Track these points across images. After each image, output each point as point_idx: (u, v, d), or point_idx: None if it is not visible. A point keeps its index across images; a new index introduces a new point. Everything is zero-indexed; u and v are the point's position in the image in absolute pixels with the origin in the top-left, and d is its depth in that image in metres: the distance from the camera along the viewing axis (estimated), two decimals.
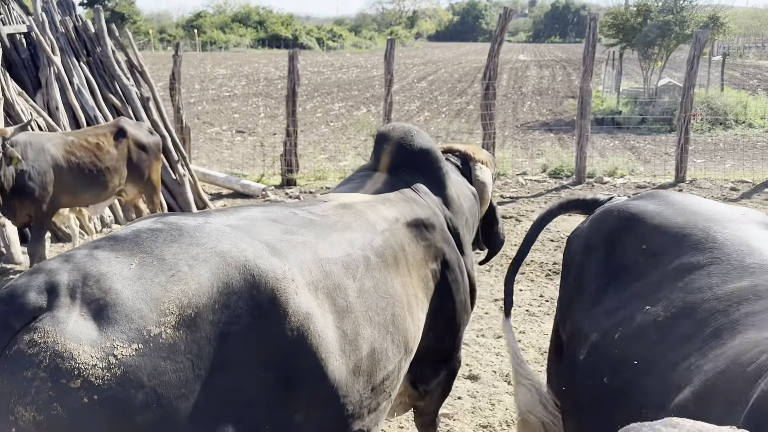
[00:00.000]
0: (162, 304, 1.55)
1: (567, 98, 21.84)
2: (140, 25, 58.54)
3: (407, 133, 2.71)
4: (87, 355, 1.44)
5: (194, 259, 1.65)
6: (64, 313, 1.47)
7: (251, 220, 1.97)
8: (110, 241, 1.67)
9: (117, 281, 1.54)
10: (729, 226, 1.90)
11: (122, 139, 6.08)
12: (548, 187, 9.58)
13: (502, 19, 9.61)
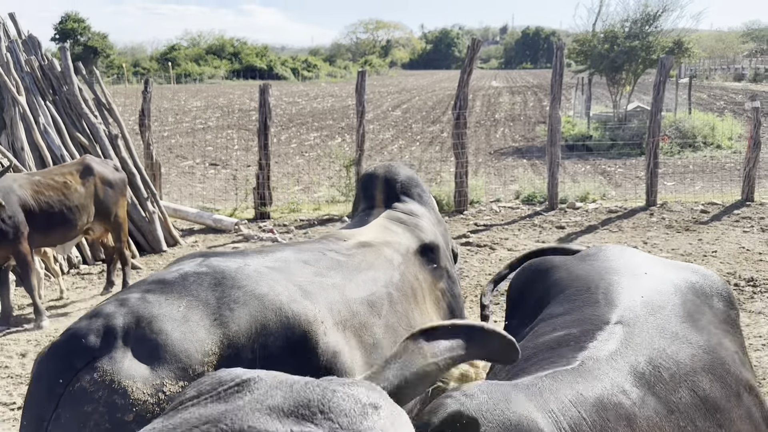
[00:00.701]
0: (206, 345, 1.74)
1: (539, 123, 22.13)
2: (114, 58, 58.35)
3: (390, 168, 3.02)
4: (140, 391, 1.62)
5: (235, 303, 1.85)
6: (120, 354, 1.66)
7: (285, 261, 2.17)
8: (160, 284, 1.85)
9: (167, 323, 1.73)
10: (619, 282, 1.96)
11: (89, 177, 6.02)
12: (522, 214, 9.62)
13: (470, 51, 9.73)
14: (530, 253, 2.57)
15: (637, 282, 1.92)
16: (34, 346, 5.19)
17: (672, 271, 2.03)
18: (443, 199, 10.07)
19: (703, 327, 1.82)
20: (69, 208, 5.75)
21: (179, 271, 1.92)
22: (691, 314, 1.84)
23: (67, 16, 58.75)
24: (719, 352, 1.77)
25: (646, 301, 1.83)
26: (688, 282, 1.97)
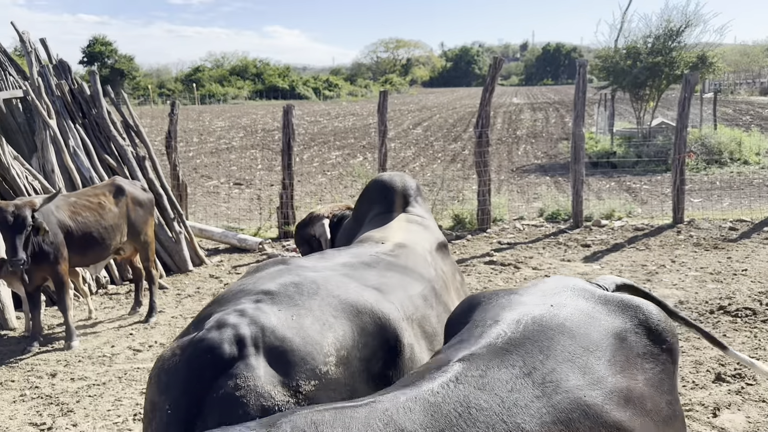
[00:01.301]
0: (323, 347, 1.93)
1: (561, 140, 22.03)
2: (140, 80, 59.54)
3: (403, 178, 3.33)
4: (281, 394, 1.79)
5: (335, 309, 2.07)
6: (254, 360, 1.81)
7: (352, 267, 2.43)
8: (267, 295, 2.04)
9: (287, 330, 1.91)
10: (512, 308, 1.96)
11: (121, 197, 6.15)
12: (546, 232, 9.55)
13: (492, 69, 9.75)
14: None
15: (524, 315, 1.86)
16: (64, 366, 5.26)
17: (588, 304, 1.99)
18: (466, 217, 10.04)
19: (589, 365, 1.74)
20: (104, 228, 5.87)
21: (278, 281, 2.13)
22: (578, 350, 1.77)
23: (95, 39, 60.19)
24: (593, 393, 1.69)
25: (515, 337, 1.76)
26: (594, 317, 1.93)
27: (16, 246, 5.02)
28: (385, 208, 3.18)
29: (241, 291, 2.10)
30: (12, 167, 6.92)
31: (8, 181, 6.88)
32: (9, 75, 8.73)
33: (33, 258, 5.26)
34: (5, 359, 5.43)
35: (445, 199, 11.61)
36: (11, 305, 6.27)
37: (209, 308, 2.08)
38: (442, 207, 10.83)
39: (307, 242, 3.76)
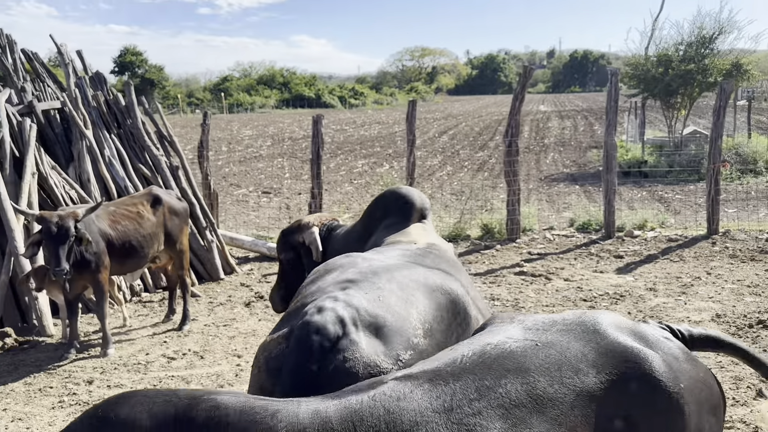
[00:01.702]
0: (410, 322, 2.19)
1: (590, 148, 21.81)
2: (169, 89, 60.51)
3: (420, 194, 3.53)
4: (385, 363, 2.04)
5: (412, 289, 2.35)
6: (356, 336, 2.05)
7: (409, 257, 2.72)
8: (351, 282, 2.32)
9: (378, 309, 2.16)
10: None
11: (158, 206, 6.25)
12: (577, 242, 9.44)
13: (522, 78, 9.70)
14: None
15: (493, 346, 1.80)
16: (100, 373, 5.33)
17: (581, 348, 1.80)
18: (495, 227, 9.98)
19: (525, 420, 1.63)
20: (143, 237, 5.97)
21: (355, 271, 2.42)
22: (524, 399, 1.66)
23: (126, 49, 61.37)
24: None
25: (465, 367, 1.70)
26: (571, 364, 1.75)
27: (60, 256, 5.11)
28: (401, 219, 3.32)
29: (322, 286, 2.35)
30: (50, 176, 7.07)
31: (46, 190, 7.03)
32: (47, 86, 8.95)
33: (75, 267, 5.35)
34: (43, 366, 5.53)
35: (473, 209, 11.56)
36: (49, 312, 6.39)
37: (297, 304, 2.32)
38: (470, 216, 10.78)
39: (293, 249, 3.81)
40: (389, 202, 3.44)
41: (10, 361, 5.65)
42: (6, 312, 6.30)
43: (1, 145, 6.83)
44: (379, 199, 3.53)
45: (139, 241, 5.95)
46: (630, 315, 6.30)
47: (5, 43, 9.18)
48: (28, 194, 6.62)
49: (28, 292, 6.21)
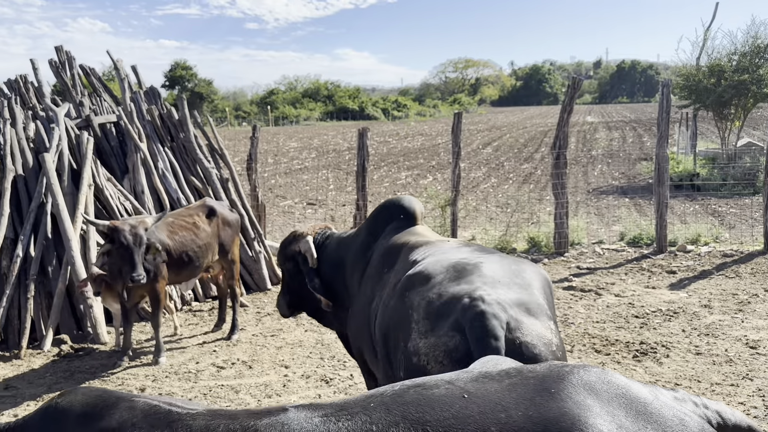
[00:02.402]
0: (537, 297, 2.52)
1: (640, 160, 21.34)
2: (217, 103, 61.90)
3: (418, 201, 3.73)
4: (549, 334, 2.35)
5: (515, 277, 2.61)
6: (519, 316, 2.34)
7: (481, 250, 3.01)
8: (468, 274, 2.59)
9: (520, 296, 2.45)
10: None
11: (213, 217, 6.40)
12: (628, 257, 9.22)
13: (570, 89, 9.57)
14: None
15: (410, 389, 1.67)
16: (152, 381, 5.45)
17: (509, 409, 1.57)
18: (542, 240, 9.84)
19: None
20: (198, 247, 6.11)
21: (443, 264, 2.73)
22: None
23: (176, 63, 63.09)
24: None
25: (366, 405, 1.61)
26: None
27: (136, 263, 5.28)
28: (404, 223, 3.55)
29: (442, 287, 2.56)
30: (105, 188, 7.30)
31: (102, 201, 7.26)
32: (104, 101, 9.26)
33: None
34: (97, 373, 5.68)
35: (519, 221, 11.43)
36: (103, 320, 6.57)
37: (429, 299, 2.54)
38: (516, 229, 10.66)
39: (291, 259, 3.98)
40: (393, 208, 3.64)
41: (65, 367, 5.82)
42: (62, 320, 6.51)
43: (60, 157, 7.10)
44: (382, 207, 3.73)
45: (195, 251, 6.09)
46: (684, 333, 6.12)
47: (65, 59, 9.56)
48: (84, 205, 6.85)
49: (83, 300, 6.41)
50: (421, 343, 2.38)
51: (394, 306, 2.75)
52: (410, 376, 2.19)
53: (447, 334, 2.32)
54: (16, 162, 7.01)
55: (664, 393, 1.67)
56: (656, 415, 1.55)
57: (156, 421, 1.63)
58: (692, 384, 4.95)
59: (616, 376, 1.65)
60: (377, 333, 2.91)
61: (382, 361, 2.78)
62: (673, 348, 5.71)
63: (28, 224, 6.58)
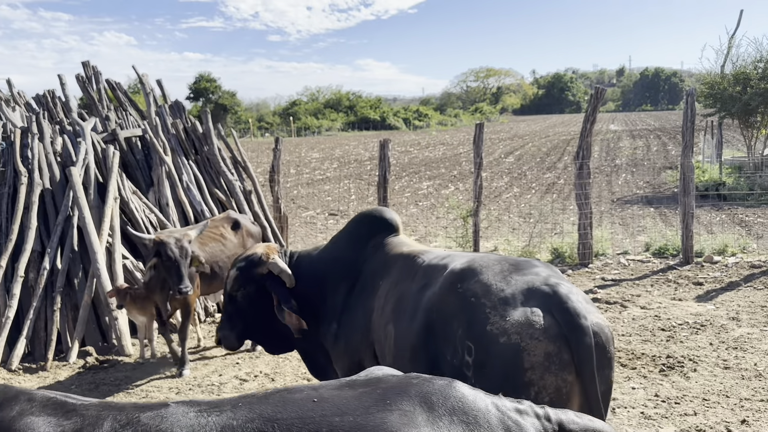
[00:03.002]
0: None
1: (665, 169, 21.07)
2: (241, 114, 62.56)
3: (393, 212, 3.82)
4: (602, 319, 2.61)
5: (554, 278, 2.75)
6: (587, 306, 2.63)
7: (479, 254, 3.13)
8: (534, 268, 2.80)
9: (570, 285, 2.70)
10: None
11: (238, 229, 6.48)
12: (653, 268, 9.08)
13: (593, 99, 9.50)
14: None
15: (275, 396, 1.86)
16: (176, 394, 5.48)
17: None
18: (565, 251, 9.74)
19: None
20: (228, 258, 6.19)
21: (514, 264, 2.86)
22: None
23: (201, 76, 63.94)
24: None
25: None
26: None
27: (183, 275, 5.38)
28: (388, 234, 3.57)
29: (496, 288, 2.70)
30: (131, 201, 7.40)
31: (127, 214, 7.36)
32: (129, 114, 9.41)
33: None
34: (122, 385, 5.74)
35: (543, 232, 11.34)
36: (128, 333, 6.64)
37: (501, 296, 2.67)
38: (539, 240, 10.57)
39: (254, 282, 3.67)
40: (376, 221, 3.64)
41: (91, 379, 5.89)
42: (88, 332, 6.60)
43: (87, 171, 7.22)
44: (364, 220, 3.70)
45: (225, 262, 6.16)
46: (711, 346, 6.00)
47: (91, 74, 9.75)
48: (110, 218, 6.95)
49: (109, 311, 6.49)
50: (508, 324, 2.52)
51: (440, 299, 2.81)
52: (500, 355, 2.49)
53: (536, 314, 2.52)
54: (44, 176, 7.14)
55: (506, 405, 1.85)
56: (484, 427, 1.75)
57: (53, 411, 1.76)
58: (720, 399, 4.85)
59: (458, 388, 1.84)
60: (408, 334, 2.92)
61: (422, 357, 2.83)
62: (700, 362, 5.60)
63: (55, 237, 6.70)
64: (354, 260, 3.55)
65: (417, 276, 3.10)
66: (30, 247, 6.58)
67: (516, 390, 2.33)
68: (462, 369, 2.58)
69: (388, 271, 3.33)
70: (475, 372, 2.55)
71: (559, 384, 2.45)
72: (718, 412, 4.63)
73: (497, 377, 2.47)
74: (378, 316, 3.23)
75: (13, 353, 6.12)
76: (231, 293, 3.74)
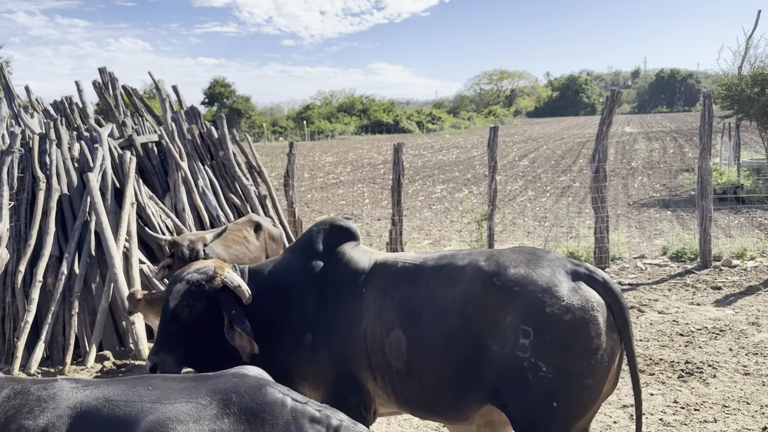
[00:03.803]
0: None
1: (681, 172, 20.87)
2: (255, 119, 62.83)
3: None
4: (600, 298, 2.89)
5: (567, 259, 3.10)
6: (605, 276, 3.01)
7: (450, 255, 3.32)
8: (549, 260, 3.04)
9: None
10: None
11: (260, 231, 6.53)
12: (671, 272, 8.99)
13: (609, 102, 9.44)
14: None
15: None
16: None
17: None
18: (581, 255, 9.67)
19: None
20: (250, 260, 6.22)
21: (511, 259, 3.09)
22: None
23: (215, 81, 64.34)
24: None
25: None
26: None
27: None
28: (355, 243, 3.52)
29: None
30: (147, 206, 7.46)
31: (144, 219, 7.42)
32: (146, 120, 9.49)
33: None
34: None
35: (558, 235, 11.27)
36: (145, 337, 6.68)
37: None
38: (555, 244, 10.51)
39: (205, 298, 3.33)
40: (339, 231, 3.54)
41: None
42: (105, 336, 6.65)
43: (104, 176, 7.28)
44: (321, 231, 3.55)
45: (248, 264, 6.17)
46: (731, 352, 5.92)
47: (108, 80, 9.85)
48: (127, 223, 7.00)
49: (126, 316, 6.53)
50: (568, 303, 2.83)
51: (477, 294, 2.97)
52: (566, 331, 2.78)
53: (587, 290, 2.88)
54: (62, 181, 7.22)
55: (306, 413, 1.97)
56: (266, 429, 1.91)
57: None
58: (741, 406, 4.78)
59: (264, 391, 1.99)
60: (435, 334, 3.03)
61: (456, 353, 2.97)
62: (720, 368, 5.53)
63: (73, 242, 6.76)
64: (318, 271, 3.40)
65: (421, 279, 3.14)
66: (48, 252, 6.64)
67: (586, 357, 2.76)
68: (516, 353, 2.79)
69: (369, 278, 3.28)
70: (535, 352, 2.77)
71: (612, 344, 2.83)
72: (738, 419, 4.56)
73: (566, 350, 2.77)
74: (374, 324, 3.17)
75: (32, 357, 6.18)
76: (176, 310, 3.32)
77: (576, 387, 2.77)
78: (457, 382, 2.97)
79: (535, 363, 2.75)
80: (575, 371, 2.76)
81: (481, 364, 2.90)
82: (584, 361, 2.75)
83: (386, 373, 3.15)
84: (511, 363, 2.80)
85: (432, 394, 3.04)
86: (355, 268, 3.35)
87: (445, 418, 3.17)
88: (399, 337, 3.08)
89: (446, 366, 2.97)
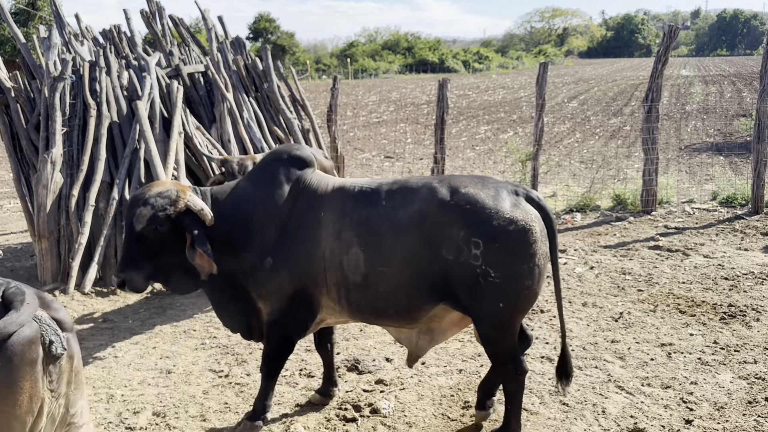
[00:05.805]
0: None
1: (738, 117, 20.01)
2: (299, 56, 62.38)
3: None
4: (536, 212, 3.31)
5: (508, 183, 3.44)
6: (539, 195, 3.40)
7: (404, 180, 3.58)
8: (494, 181, 3.41)
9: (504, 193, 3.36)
10: None
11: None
12: (719, 218, 8.76)
13: (666, 38, 9.01)
14: None
15: None
16: None
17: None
18: (628, 198, 9.48)
19: None
20: None
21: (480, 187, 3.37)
22: None
23: (260, 16, 63.81)
24: None
25: None
26: None
27: None
28: (312, 170, 3.72)
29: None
30: (194, 136, 7.57)
31: (191, 149, 7.55)
32: (192, 51, 9.52)
33: None
34: (187, 310, 6.02)
35: (605, 178, 11.04)
36: None
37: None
38: (601, 186, 10.31)
39: (169, 221, 3.47)
40: (294, 159, 3.73)
41: (158, 304, 6.20)
42: None
43: (152, 105, 7.39)
44: (280, 159, 3.73)
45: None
46: None
47: (155, 10, 9.86)
48: (175, 152, 7.14)
49: None
50: (512, 216, 3.21)
51: (434, 212, 3.28)
52: (511, 238, 3.17)
53: (526, 205, 3.27)
54: (111, 109, 7.36)
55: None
56: None
57: None
58: None
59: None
60: (393, 249, 3.34)
61: (414, 264, 3.32)
62: (764, 311, 5.44)
63: (123, 169, 6.95)
64: (280, 198, 3.59)
65: (377, 201, 3.40)
66: (100, 177, 6.85)
67: (526, 261, 3.17)
68: (470, 261, 3.18)
69: (330, 202, 3.51)
70: (486, 259, 3.16)
71: (545, 250, 3.26)
72: None
73: (510, 256, 3.16)
74: (332, 244, 3.42)
75: (85, 277, 6.48)
76: (142, 233, 3.47)
77: (520, 287, 3.19)
78: (414, 289, 3.32)
79: (486, 270, 3.15)
80: (519, 274, 3.16)
81: (435, 271, 3.27)
82: (525, 264, 3.17)
83: (342, 287, 3.45)
84: (467, 271, 3.18)
85: (387, 300, 3.38)
86: (313, 193, 3.58)
87: (394, 321, 3.51)
88: (357, 254, 3.37)
89: (404, 276, 3.32)
